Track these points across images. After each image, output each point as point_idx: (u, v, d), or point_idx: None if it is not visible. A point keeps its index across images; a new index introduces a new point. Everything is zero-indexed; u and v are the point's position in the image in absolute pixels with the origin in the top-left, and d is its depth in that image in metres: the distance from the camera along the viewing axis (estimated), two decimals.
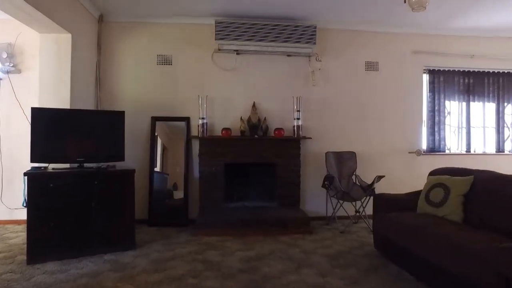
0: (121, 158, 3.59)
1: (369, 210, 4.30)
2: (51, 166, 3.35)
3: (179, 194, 4.58)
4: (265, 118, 4.59)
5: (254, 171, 4.79)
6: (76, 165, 3.40)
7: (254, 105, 4.58)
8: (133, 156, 4.48)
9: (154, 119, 4.55)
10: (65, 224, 3.13)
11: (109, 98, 4.49)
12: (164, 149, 4.70)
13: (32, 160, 3.22)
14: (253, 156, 4.53)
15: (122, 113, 3.64)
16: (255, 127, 4.53)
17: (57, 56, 3.67)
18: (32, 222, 3.01)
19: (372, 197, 4.10)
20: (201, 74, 4.62)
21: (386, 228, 3.15)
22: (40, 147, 3.23)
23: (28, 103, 3.79)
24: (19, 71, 4.45)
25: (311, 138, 4.64)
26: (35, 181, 3.03)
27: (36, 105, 3.45)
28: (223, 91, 4.64)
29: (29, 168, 3.19)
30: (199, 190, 4.48)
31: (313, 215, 4.54)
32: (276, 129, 4.55)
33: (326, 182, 4.25)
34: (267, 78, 4.72)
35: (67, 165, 3.47)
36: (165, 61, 4.60)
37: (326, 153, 4.59)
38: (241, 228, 4.02)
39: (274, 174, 4.65)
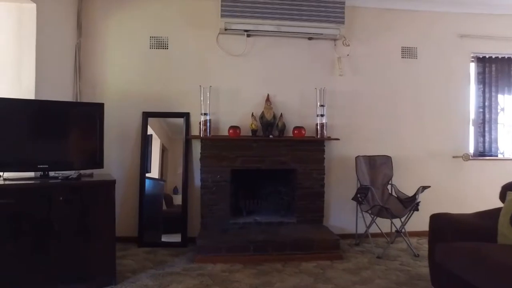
0: (98, 164, 2.76)
1: (410, 226, 3.49)
2: (6, 175, 2.54)
3: (180, 200, 3.74)
4: (281, 114, 3.74)
5: (267, 179, 3.95)
6: (38, 173, 2.58)
7: (268, 99, 3.74)
8: (119, 159, 3.66)
9: (146, 115, 3.72)
10: (17, 255, 2.30)
11: (91, 89, 3.66)
12: (159, 150, 3.86)
13: None
14: (267, 161, 3.68)
15: (100, 106, 2.81)
16: (269, 126, 3.68)
17: (17, 32, 2.84)
18: None
19: (413, 213, 3.32)
20: (203, 60, 3.79)
21: (456, 264, 2.29)
22: None
23: None
24: None
25: (338, 139, 3.78)
26: None
27: None
28: (231, 81, 3.80)
29: None
30: (200, 202, 3.64)
31: (339, 232, 3.69)
32: (296, 127, 3.70)
33: (359, 195, 3.40)
34: (284, 65, 3.87)
35: (31, 174, 2.66)
36: (160, 44, 3.76)
37: (357, 158, 3.74)
38: (253, 252, 3.18)
39: (293, 182, 3.81)
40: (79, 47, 3.62)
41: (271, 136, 3.67)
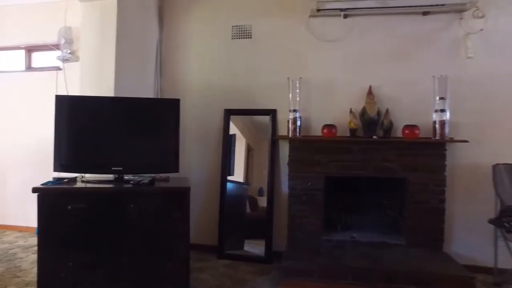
0: (173, 167, 2.45)
1: None
2: (88, 176, 2.40)
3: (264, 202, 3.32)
4: (387, 110, 3.02)
5: (367, 189, 3.25)
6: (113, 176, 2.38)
7: (370, 91, 3.05)
8: (199, 161, 3.38)
9: (228, 113, 3.36)
10: (86, 263, 2.10)
11: (172, 86, 3.45)
12: (244, 151, 3.48)
13: (55, 169, 2.28)
14: (368, 167, 3.00)
15: (175, 102, 2.51)
16: (372, 124, 3.00)
17: (99, 30, 2.72)
18: (44, 260, 2.05)
19: None
20: (291, 48, 3.28)
21: None
22: (65, 151, 2.27)
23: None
24: (76, 59, 3.71)
25: (466, 141, 2.89)
26: (47, 201, 2.06)
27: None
28: (324, 72, 3.21)
29: (51, 179, 2.26)
30: (287, 213, 3.13)
31: (467, 263, 2.80)
32: (407, 126, 2.94)
33: (504, 220, 2.50)
34: (390, 50, 3.13)
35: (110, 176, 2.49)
36: (243, 33, 3.37)
37: (495, 167, 2.80)
38: (352, 281, 2.55)
39: (401, 195, 3.06)
40: (161, 43, 3.44)
41: (374, 137, 2.97)
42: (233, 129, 3.39)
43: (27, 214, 3.74)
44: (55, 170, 2.26)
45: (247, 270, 2.97)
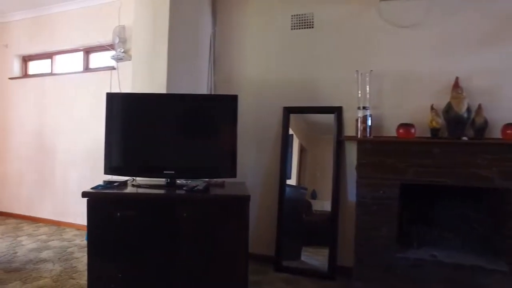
0: (230, 172, 2.19)
1: None
2: (139, 180, 2.24)
3: (319, 205, 3.00)
4: (479, 106, 2.51)
5: (455, 201, 2.75)
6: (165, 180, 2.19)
7: (457, 84, 2.56)
8: (256, 164, 3.11)
9: (288, 111, 3.06)
10: (137, 275, 1.92)
11: (227, 83, 3.23)
12: (297, 152, 3.16)
13: (105, 171, 2.14)
14: (454, 173, 2.51)
15: (233, 99, 2.25)
16: (460, 123, 2.51)
17: (152, 26, 2.56)
18: (93, 268, 1.91)
19: None
20: (359, 37, 2.88)
21: None
22: (115, 152, 2.12)
23: None
24: (130, 58, 3.65)
25: None
26: (96, 206, 1.91)
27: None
28: (399, 63, 2.78)
29: (101, 183, 2.12)
30: (355, 225, 2.74)
31: None
32: (508, 125, 2.41)
33: None
34: (482, 32, 2.61)
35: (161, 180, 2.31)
36: (304, 22, 3.04)
37: None
38: None
39: (501, 209, 2.53)
40: (214, 37, 3.23)
41: (464, 138, 2.48)
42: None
43: (85, 213, 3.75)
44: (106, 172, 2.13)
45: (308, 286, 2.65)
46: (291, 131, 3.09)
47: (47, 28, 4.34)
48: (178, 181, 2.19)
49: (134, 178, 2.24)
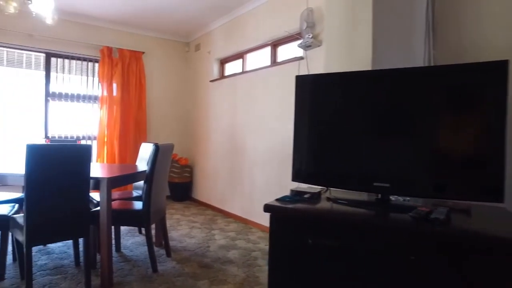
0: (491, 191, 1.29)
1: None
2: (334, 191, 1.66)
3: None
4: None
5: None
6: (375, 196, 1.51)
7: None
8: None
9: None
10: None
11: (455, 57, 2.25)
12: None
13: (293, 178, 1.65)
14: None
15: (497, 67, 1.32)
16: None
17: None
18: None
19: None
20: None
21: None
22: (305, 154, 1.59)
23: None
24: (319, 43, 3.18)
25: None
26: (280, 225, 1.42)
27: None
28: None
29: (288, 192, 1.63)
30: None
31: None
32: None
33: None
34: None
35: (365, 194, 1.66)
36: None
37: None
38: None
39: None
40: (432, 3, 2.31)
41: None
42: None
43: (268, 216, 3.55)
44: (293, 179, 1.63)
45: None
46: None
47: (238, 30, 4.44)
48: (392, 198, 1.48)
49: (329, 188, 1.67)
